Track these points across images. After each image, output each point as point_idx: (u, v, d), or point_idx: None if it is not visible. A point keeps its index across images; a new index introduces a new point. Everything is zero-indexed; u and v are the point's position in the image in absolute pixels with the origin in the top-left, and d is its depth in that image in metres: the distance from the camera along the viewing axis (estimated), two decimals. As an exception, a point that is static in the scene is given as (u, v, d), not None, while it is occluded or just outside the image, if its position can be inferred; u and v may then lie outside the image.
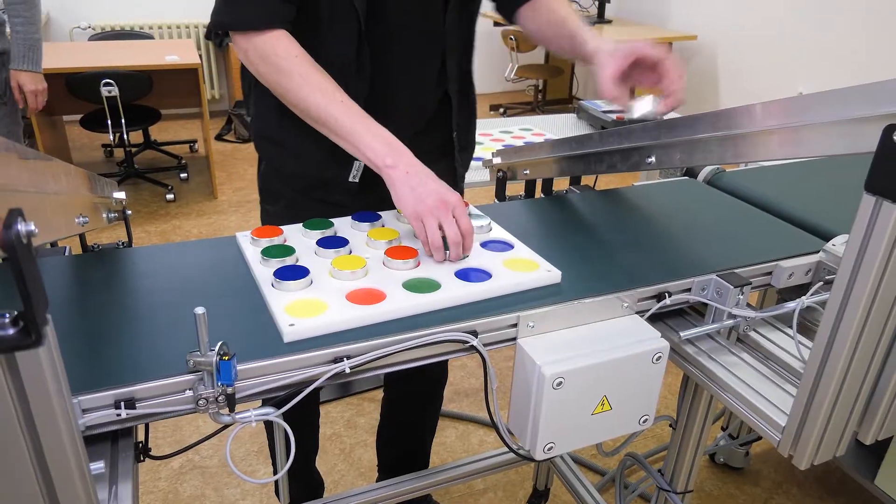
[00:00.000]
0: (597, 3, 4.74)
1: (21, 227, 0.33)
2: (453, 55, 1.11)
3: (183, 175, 3.85)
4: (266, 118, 1.11)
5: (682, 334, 0.89)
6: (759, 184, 1.25)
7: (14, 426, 0.37)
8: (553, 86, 5.57)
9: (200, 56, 3.87)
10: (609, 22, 4.71)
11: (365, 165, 0.96)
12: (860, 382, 0.75)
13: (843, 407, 0.76)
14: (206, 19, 4.64)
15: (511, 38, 4.70)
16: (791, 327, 0.92)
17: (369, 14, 1.00)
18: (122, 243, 1.05)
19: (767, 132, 0.77)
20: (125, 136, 3.27)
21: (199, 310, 0.63)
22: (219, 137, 4.46)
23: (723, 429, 1.85)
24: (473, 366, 2.27)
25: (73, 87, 3.06)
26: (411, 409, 1.57)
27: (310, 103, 0.94)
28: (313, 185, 1.13)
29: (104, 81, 3.01)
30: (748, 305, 0.91)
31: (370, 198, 1.06)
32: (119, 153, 4.00)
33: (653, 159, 0.94)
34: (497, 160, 1.35)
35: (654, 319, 0.90)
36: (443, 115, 1.16)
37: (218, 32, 1.04)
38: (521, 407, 0.82)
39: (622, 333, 0.84)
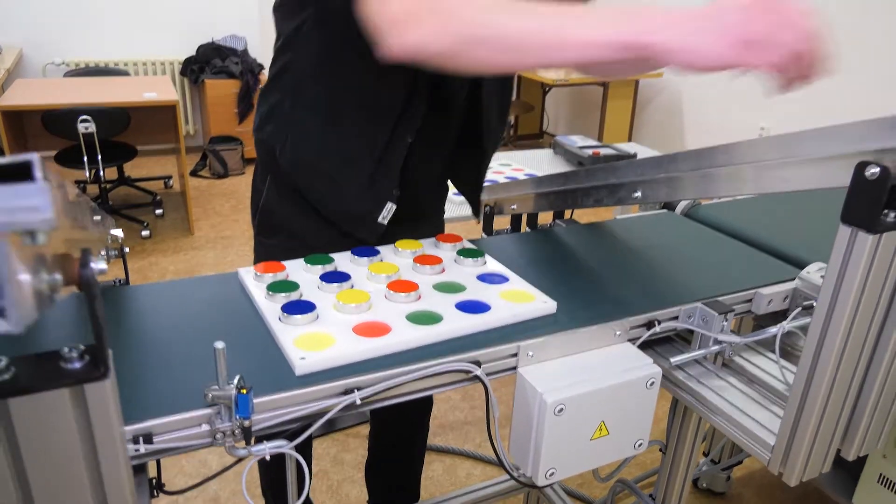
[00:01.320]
0: (565, 41, 4.89)
1: (94, 265, 0.36)
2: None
3: (158, 211, 3.83)
4: (304, 140, 1.05)
5: (672, 360, 0.93)
6: (733, 215, 1.31)
7: (77, 457, 0.39)
8: (525, 121, 5.70)
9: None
10: (578, 59, 4.86)
11: (396, 207, 0.97)
12: (842, 402, 0.80)
13: (827, 426, 0.80)
14: (181, 56, 4.69)
15: (483, 75, 4.80)
16: (772, 351, 0.97)
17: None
18: (119, 281, 1.06)
19: (750, 168, 0.83)
20: (101, 173, 3.25)
21: (219, 344, 0.65)
22: (193, 173, 4.45)
23: (705, 454, 1.89)
24: (457, 399, 2.28)
25: (50, 124, 3.05)
26: (399, 441, 1.58)
27: (514, 27, 0.72)
28: (339, 219, 1.09)
29: (81, 118, 3.00)
30: (731, 331, 0.96)
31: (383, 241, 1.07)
32: (93, 189, 3.96)
33: (639, 194, 0.99)
34: (484, 195, 1.39)
35: (644, 347, 0.94)
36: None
37: (193, 69, 1.02)
38: (522, 434, 0.85)
39: (616, 360, 0.88)
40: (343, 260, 1.01)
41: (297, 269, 0.97)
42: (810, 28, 0.65)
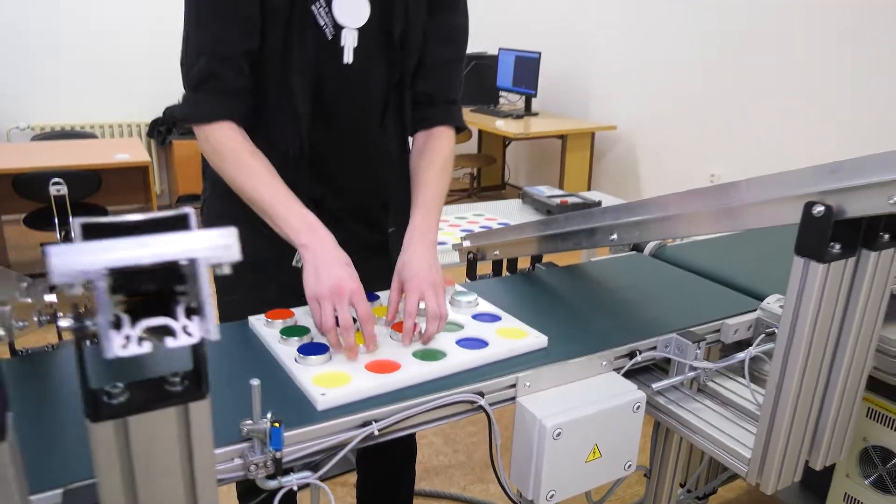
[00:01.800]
0: (523, 97, 5.12)
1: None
2: (389, 159, 1.25)
3: (127, 271, 3.82)
4: (221, 198, 1.19)
5: (653, 386, 1.02)
6: (696, 254, 1.43)
7: (177, 470, 0.45)
8: (487, 173, 5.88)
9: (146, 153, 3.93)
10: (536, 115, 5.09)
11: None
12: (806, 416, 0.89)
13: (795, 438, 0.89)
14: (146, 118, 4.76)
15: (446, 131, 4.98)
16: (741, 375, 1.07)
17: (314, 117, 1.14)
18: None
19: (713, 211, 0.94)
20: (72, 235, 3.25)
21: (255, 381, 0.71)
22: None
23: (681, 485, 1.97)
24: (439, 443, 2.32)
25: (21, 187, 3.06)
26: (386, 488, 1.61)
27: (243, 185, 1.06)
28: (266, 265, 1.17)
29: (53, 181, 3.02)
30: (704, 359, 1.06)
31: None
32: (58, 251, 3.93)
33: (615, 236, 1.09)
34: (467, 243, 1.48)
35: (628, 375, 1.03)
36: (383, 215, 1.28)
37: (160, 130, 1.16)
38: (523, 459, 0.92)
39: (605, 388, 0.96)
40: (346, 305, 1.08)
41: (304, 315, 1.04)
42: (348, 321, 0.93)
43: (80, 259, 0.33)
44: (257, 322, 1.02)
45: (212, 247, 0.31)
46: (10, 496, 0.42)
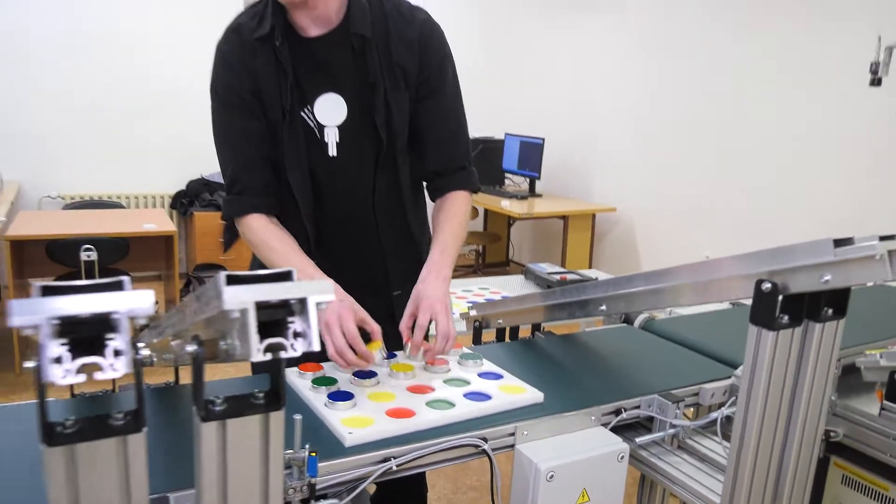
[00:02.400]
0: (528, 179, 5.39)
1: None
2: (386, 232, 1.41)
3: (143, 335, 3.96)
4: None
5: (637, 440, 1.15)
6: (681, 327, 1.58)
7: (256, 472, 0.60)
8: (492, 250, 6.09)
9: (169, 223, 4.15)
10: (539, 196, 5.34)
11: None
12: (766, 470, 1.02)
13: (756, 490, 1.02)
14: (170, 190, 5.02)
15: (454, 209, 5.22)
16: (716, 434, 1.20)
17: (314, 205, 1.35)
18: (169, 383, 1.25)
19: (686, 285, 1.10)
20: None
21: (297, 416, 0.86)
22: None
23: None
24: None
25: (54, 252, 3.25)
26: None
27: (270, 264, 1.27)
28: None
29: (84, 247, 3.22)
30: (685, 416, 1.19)
31: None
32: (78, 314, 4.09)
33: (604, 307, 1.25)
34: (474, 312, 1.64)
35: (615, 431, 1.16)
36: (386, 283, 1.43)
37: (183, 202, 1.35)
38: (520, 499, 1.04)
39: (593, 439, 1.10)
40: (368, 361, 1.23)
41: (331, 368, 1.19)
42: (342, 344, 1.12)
43: (33, 310, 0.47)
44: (291, 373, 1.17)
45: (132, 304, 0.47)
46: (140, 485, 0.57)
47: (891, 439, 1.25)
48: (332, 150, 1.33)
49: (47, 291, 0.44)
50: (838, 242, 0.87)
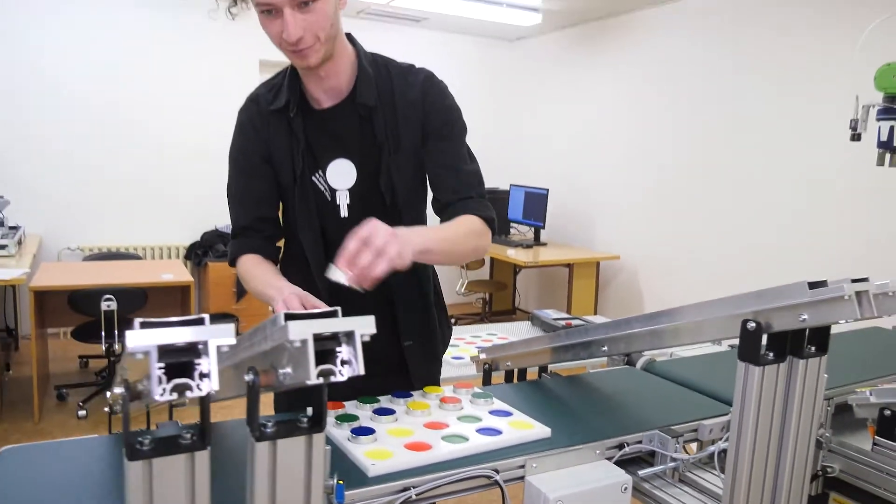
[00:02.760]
0: (533, 229, 5.51)
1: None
2: (394, 287, 1.44)
3: (157, 384, 4.04)
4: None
5: (640, 473, 1.22)
6: (681, 368, 1.66)
7: (300, 487, 0.68)
8: (498, 298, 6.17)
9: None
10: (544, 244, 5.45)
11: None
12: (759, 499, 1.09)
13: (752, 517, 1.09)
14: (185, 241, 5.16)
15: (461, 258, 5.34)
16: (715, 467, 1.27)
17: (325, 260, 1.36)
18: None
19: (680, 326, 1.20)
20: (116, 347, 3.51)
21: (327, 447, 0.95)
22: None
23: None
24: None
25: (76, 302, 3.36)
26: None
27: (252, 291, 1.38)
28: None
29: (105, 297, 3.33)
30: (686, 451, 1.27)
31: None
32: (94, 364, 4.18)
33: (605, 348, 1.34)
34: (483, 355, 1.73)
35: (618, 464, 1.23)
36: (396, 334, 1.48)
37: (197, 252, 1.41)
38: (531, 529, 1.12)
39: (598, 471, 1.17)
40: (385, 400, 1.32)
41: (353, 407, 1.28)
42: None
43: (145, 338, 0.57)
44: (315, 411, 1.25)
45: (218, 334, 0.56)
46: (203, 496, 0.66)
47: (884, 474, 1.31)
48: (344, 212, 1.42)
49: (145, 325, 0.54)
50: (812, 285, 0.97)
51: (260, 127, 1.42)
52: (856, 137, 1.80)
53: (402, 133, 1.40)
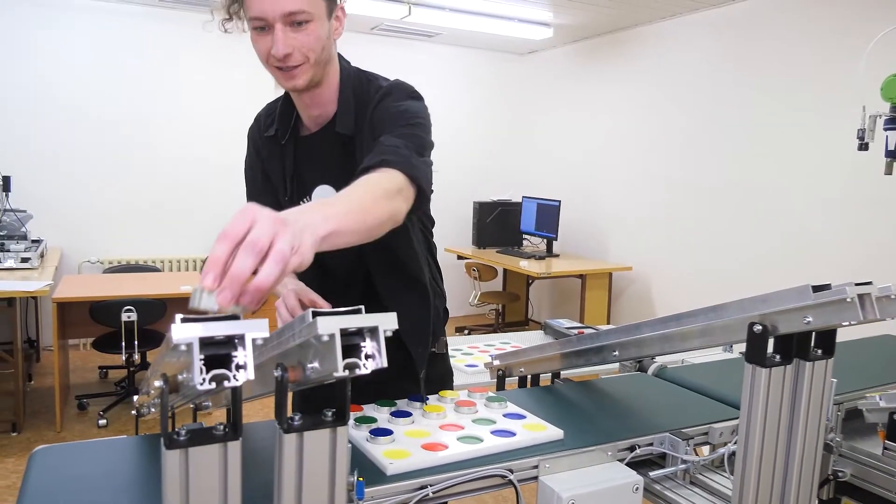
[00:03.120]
0: (545, 240, 5.54)
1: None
2: (389, 297, 1.45)
3: (174, 394, 4.10)
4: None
5: (651, 475, 1.25)
6: (692, 374, 1.69)
7: (325, 480, 0.72)
8: (511, 309, 6.19)
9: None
10: (557, 256, 5.48)
11: None
12: (769, 499, 1.12)
13: (761, 517, 1.11)
14: (202, 254, 5.23)
15: (474, 270, 5.37)
16: (724, 469, 1.30)
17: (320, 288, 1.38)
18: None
19: (690, 330, 1.23)
20: (136, 357, 3.58)
21: (348, 445, 0.99)
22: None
23: None
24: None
25: (97, 313, 3.43)
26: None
27: None
28: None
29: (126, 308, 3.40)
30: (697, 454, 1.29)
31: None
32: (113, 375, 4.25)
33: (617, 353, 1.37)
34: (497, 362, 1.76)
35: (629, 466, 1.26)
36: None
37: None
38: (544, 528, 1.15)
39: (610, 472, 1.20)
40: (402, 403, 1.36)
41: (371, 409, 1.32)
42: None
43: (189, 331, 0.61)
44: (334, 414, 1.29)
45: (253, 328, 0.61)
46: (234, 485, 0.70)
47: (894, 478, 1.33)
48: None
49: (187, 320, 0.59)
50: (816, 288, 1.00)
51: (260, 147, 1.50)
52: (863, 147, 1.83)
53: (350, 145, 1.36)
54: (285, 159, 1.44)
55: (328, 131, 1.39)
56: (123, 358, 3.47)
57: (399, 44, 5.84)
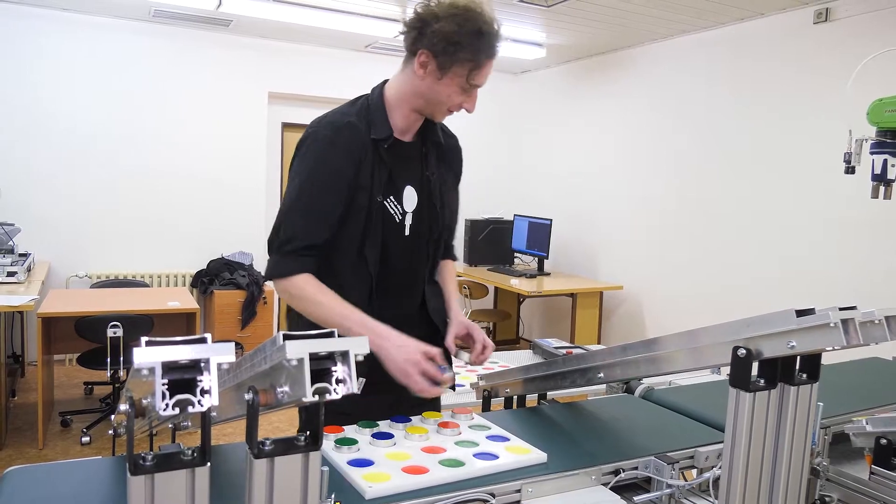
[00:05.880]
0: (537, 258, 5.54)
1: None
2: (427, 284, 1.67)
3: (160, 411, 4.05)
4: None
5: (636, 500, 1.23)
6: (679, 397, 1.67)
7: (296, 497, 0.71)
8: (502, 327, 6.17)
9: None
10: (548, 274, 5.47)
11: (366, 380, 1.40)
12: (754, 524, 1.10)
13: (747, 541, 1.10)
14: (191, 269, 5.21)
15: (465, 287, 5.36)
16: (710, 494, 1.28)
17: (380, 275, 1.56)
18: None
19: (675, 353, 1.22)
20: (122, 373, 3.53)
21: (325, 468, 0.97)
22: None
23: None
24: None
25: (82, 328, 3.39)
26: None
27: (318, 316, 1.45)
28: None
29: (111, 323, 3.37)
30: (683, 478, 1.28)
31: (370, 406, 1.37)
32: (98, 391, 4.20)
33: (602, 374, 1.36)
34: (482, 382, 1.75)
35: (614, 490, 1.24)
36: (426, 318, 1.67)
37: (203, 280, 1.42)
38: (526, 554, 1.13)
39: (593, 496, 1.18)
40: (384, 424, 1.34)
41: (352, 431, 1.29)
42: (427, 375, 1.36)
43: (151, 355, 0.61)
44: (315, 435, 1.27)
45: (219, 352, 0.60)
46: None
47: (880, 503, 1.32)
48: (407, 231, 1.60)
49: (150, 343, 0.57)
50: (800, 312, 0.99)
51: (354, 150, 1.51)
52: (850, 170, 1.84)
53: (445, 169, 1.68)
54: (385, 161, 1.54)
55: (417, 140, 1.62)
56: (109, 374, 3.42)
57: (393, 62, 5.84)
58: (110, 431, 1.29)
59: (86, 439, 3.62)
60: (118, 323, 3.39)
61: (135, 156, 5.14)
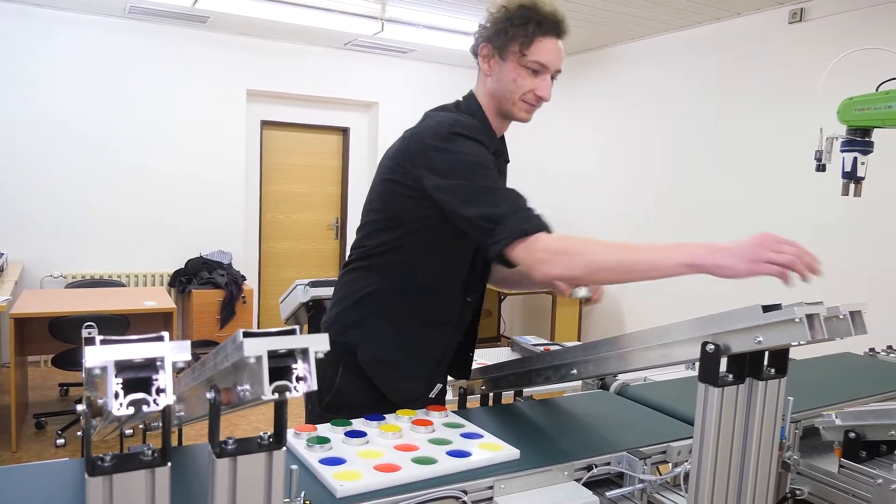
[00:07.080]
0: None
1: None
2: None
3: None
4: (384, 345, 1.51)
5: (608, 495, 1.24)
6: (652, 393, 1.68)
7: (260, 495, 0.70)
8: (483, 325, 6.18)
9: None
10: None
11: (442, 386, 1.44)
12: (724, 518, 1.11)
13: (716, 535, 1.11)
14: (169, 269, 5.15)
15: (446, 285, 5.37)
16: (681, 489, 1.29)
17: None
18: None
19: (646, 349, 1.23)
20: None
21: (294, 466, 0.96)
22: (180, 371, 4.68)
23: None
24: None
25: (56, 329, 3.34)
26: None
27: (611, 257, 1.23)
28: (398, 399, 1.48)
29: (86, 324, 3.31)
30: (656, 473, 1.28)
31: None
32: (74, 393, 4.14)
33: (575, 371, 1.37)
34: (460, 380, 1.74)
35: (587, 485, 1.25)
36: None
37: (181, 280, 1.40)
38: (499, 550, 1.13)
39: (566, 493, 1.19)
40: (358, 423, 1.33)
41: (326, 430, 1.29)
42: (796, 248, 1.09)
43: (103, 354, 0.60)
44: (288, 433, 1.26)
45: (174, 351, 0.59)
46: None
47: (850, 496, 1.34)
48: None
49: (106, 342, 0.57)
50: (767, 308, 1.00)
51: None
52: (821, 168, 1.86)
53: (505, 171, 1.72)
54: (499, 169, 1.57)
55: (501, 149, 1.65)
56: (83, 376, 3.37)
57: (373, 59, 5.85)
58: (79, 433, 1.27)
59: (61, 441, 3.56)
60: (93, 323, 3.33)
61: (110, 154, 5.07)
